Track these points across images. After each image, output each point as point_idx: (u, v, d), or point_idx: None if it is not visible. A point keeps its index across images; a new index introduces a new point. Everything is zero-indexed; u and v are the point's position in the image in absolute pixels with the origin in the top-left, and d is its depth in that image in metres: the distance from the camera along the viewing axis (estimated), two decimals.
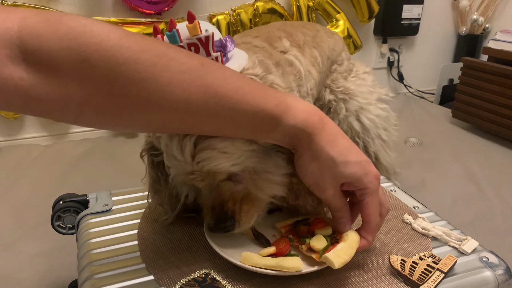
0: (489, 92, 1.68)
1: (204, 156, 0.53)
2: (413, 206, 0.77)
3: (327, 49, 1.05)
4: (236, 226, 0.58)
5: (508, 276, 0.60)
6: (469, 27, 2.32)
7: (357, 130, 1.10)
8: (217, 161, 0.54)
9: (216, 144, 0.53)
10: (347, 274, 0.58)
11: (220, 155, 0.53)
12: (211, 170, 0.54)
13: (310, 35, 1.03)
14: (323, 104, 1.10)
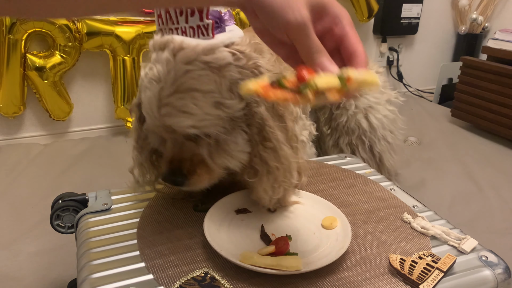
0: (489, 91, 1.68)
1: (165, 112, 0.58)
2: (412, 205, 0.77)
3: None
4: (185, 184, 0.63)
5: (507, 275, 0.60)
6: (469, 26, 2.32)
7: (364, 129, 1.11)
8: (175, 119, 0.57)
9: (175, 102, 0.57)
10: (346, 273, 0.58)
11: (179, 113, 0.57)
12: (171, 126, 0.58)
13: None
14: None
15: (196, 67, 0.57)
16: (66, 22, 1.48)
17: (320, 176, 0.87)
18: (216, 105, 0.58)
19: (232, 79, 0.59)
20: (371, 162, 1.16)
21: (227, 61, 0.59)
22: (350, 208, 0.74)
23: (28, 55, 1.48)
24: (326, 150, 1.37)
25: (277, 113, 0.65)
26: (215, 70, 0.58)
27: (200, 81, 0.57)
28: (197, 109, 0.57)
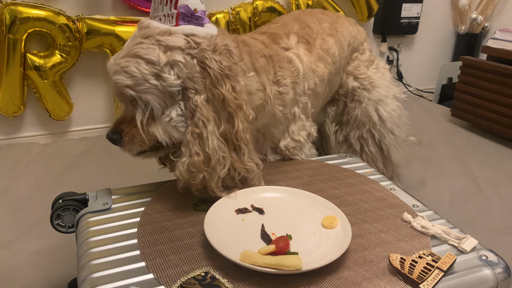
0: (488, 90, 1.68)
1: (113, 70, 0.68)
2: (412, 204, 0.77)
3: (347, 35, 1.09)
4: (119, 144, 0.72)
5: (507, 275, 0.60)
6: (468, 26, 2.32)
7: (374, 121, 1.13)
8: (118, 76, 0.68)
9: (122, 63, 0.68)
10: (346, 273, 0.58)
11: (122, 72, 0.67)
12: (116, 84, 0.68)
13: (328, 20, 1.07)
14: (346, 91, 1.14)
15: (148, 41, 0.68)
16: (66, 22, 1.48)
17: (320, 175, 0.87)
18: (156, 76, 0.67)
19: (175, 60, 0.68)
20: (378, 156, 1.17)
21: (177, 45, 0.68)
22: (350, 207, 0.74)
23: (28, 54, 1.48)
24: (334, 147, 1.38)
25: (223, 108, 0.71)
26: (163, 48, 0.68)
27: (147, 52, 0.67)
28: (137, 73, 0.67)
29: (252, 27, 1.77)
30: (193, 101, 0.69)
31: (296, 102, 0.93)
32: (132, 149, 0.74)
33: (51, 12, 1.46)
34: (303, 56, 0.95)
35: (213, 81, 0.70)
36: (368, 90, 1.13)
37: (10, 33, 1.43)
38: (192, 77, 0.69)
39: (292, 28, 1.00)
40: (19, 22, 1.42)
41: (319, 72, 0.98)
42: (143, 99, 0.68)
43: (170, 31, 0.69)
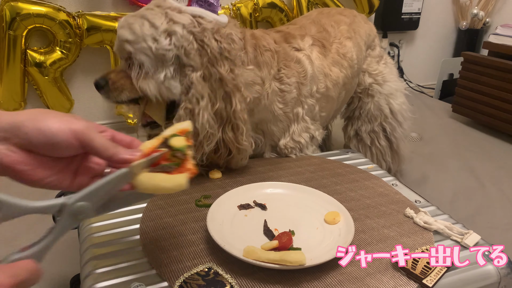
0: (490, 86, 1.68)
1: (120, 25, 0.75)
2: (414, 200, 0.77)
3: (364, 35, 1.11)
4: (103, 89, 0.77)
5: (510, 270, 0.60)
6: (470, 21, 2.31)
7: (385, 115, 1.15)
8: (122, 30, 0.74)
9: (129, 19, 0.74)
10: (350, 268, 0.58)
11: (126, 26, 0.74)
12: (118, 37, 0.75)
13: (347, 22, 1.08)
14: (364, 88, 1.15)
15: (158, 10, 0.74)
16: (67, 18, 1.47)
17: (323, 171, 0.87)
18: (153, 39, 0.73)
19: (174, 30, 0.73)
20: (387, 150, 1.18)
21: (181, 22, 0.73)
22: (353, 203, 0.74)
23: (28, 51, 1.48)
24: (334, 143, 1.39)
25: (220, 87, 0.75)
26: (168, 19, 0.74)
27: (153, 16, 0.73)
28: (139, 30, 0.73)
29: (253, 23, 1.76)
30: (189, 78, 0.74)
31: (301, 103, 0.93)
32: (118, 96, 0.77)
33: (51, 8, 1.45)
34: (315, 59, 0.95)
35: (211, 60, 0.74)
36: (380, 84, 1.14)
37: (10, 30, 1.42)
38: (188, 53, 0.73)
39: (310, 30, 1.00)
40: (19, 19, 1.42)
41: (333, 76, 0.98)
42: (138, 57, 0.74)
43: (180, 9, 0.75)
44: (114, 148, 0.48)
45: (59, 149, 0.47)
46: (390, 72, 1.17)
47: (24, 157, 0.46)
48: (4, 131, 0.45)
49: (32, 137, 0.45)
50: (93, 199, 0.45)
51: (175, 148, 0.49)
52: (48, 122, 0.45)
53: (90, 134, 0.47)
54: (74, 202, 0.44)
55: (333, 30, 1.03)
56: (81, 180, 0.51)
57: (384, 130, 1.17)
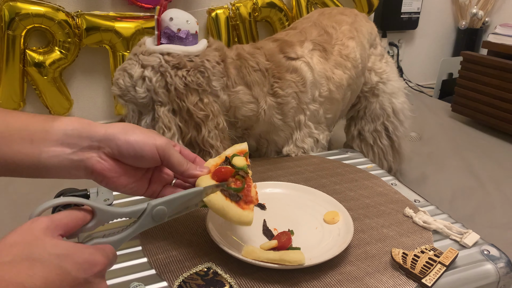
0: (489, 86, 1.68)
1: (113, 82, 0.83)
2: (414, 199, 0.77)
3: (366, 34, 1.11)
4: None
5: (509, 269, 0.60)
6: (469, 21, 2.31)
7: (388, 114, 1.15)
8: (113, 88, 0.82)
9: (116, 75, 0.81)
10: (349, 268, 0.58)
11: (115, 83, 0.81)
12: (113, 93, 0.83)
13: (348, 22, 1.08)
14: (371, 87, 1.15)
15: (134, 58, 0.80)
16: (66, 18, 1.47)
17: (322, 171, 0.87)
18: (133, 87, 0.79)
19: (144, 76, 0.78)
20: (389, 149, 1.19)
21: (150, 64, 0.78)
22: (352, 202, 0.74)
23: (27, 51, 1.48)
24: (333, 142, 1.39)
25: (190, 118, 0.80)
26: (141, 66, 0.79)
27: (130, 66, 0.79)
28: (122, 84, 0.80)
29: (252, 22, 1.76)
30: (157, 112, 0.80)
31: (302, 110, 0.94)
32: None
33: (50, 8, 1.45)
34: (315, 64, 0.95)
35: (177, 95, 0.79)
36: (384, 83, 1.15)
37: (9, 30, 1.42)
38: (156, 91, 0.79)
39: (310, 35, 1.00)
40: (18, 18, 1.42)
41: (335, 79, 0.98)
42: (128, 107, 0.82)
43: (149, 50, 0.80)
44: (186, 164, 0.57)
45: (143, 161, 0.54)
46: (391, 70, 1.18)
47: (112, 165, 0.53)
48: (98, 141, 0.52)
49: (122, 148, 0.52)
50: (170, 206, 0.52)
51: (237, 167, 0.59)
52: (136, 137, 0.53)
53: (170, 150, 0.55)
54: (156, 206, 0.51)
55: (334, 32, 1.03)
56: (154, 187, 0.59)
57: (387, 129, 1.17)
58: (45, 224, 0.40)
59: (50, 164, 0.50)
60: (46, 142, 0.50)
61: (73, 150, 0.51)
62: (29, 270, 0.35)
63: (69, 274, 0.37)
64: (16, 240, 0.38)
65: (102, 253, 0.42)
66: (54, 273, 0.36)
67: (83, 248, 0.40)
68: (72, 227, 0.43)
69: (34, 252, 0.37)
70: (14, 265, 0.35)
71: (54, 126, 0.51)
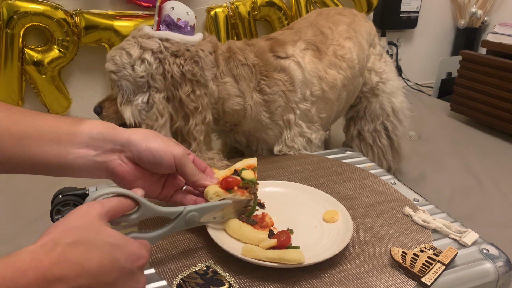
0: (488, 85, 1.68)
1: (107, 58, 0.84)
2: (413, 198, 0.77)
3: (365, 34, 1.11)
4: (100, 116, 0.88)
5: (508, 268, 0.60)
6: (468, 20, 2.31)
7: (388, 113, 1.16)
8: (107, 63, 0.83)
9: (112, 52, 0.83)
10: (348, 267, 0.58)
11: (110, 60, 0.83)
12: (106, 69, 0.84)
13: (346, 22, 1.08)
14: (371, 88, 1.15)
15: (133, 39, 0.82)
16: (64, 16, 1.47)
17: (321, 170, 0.87)
18: (131, 67, 0.81)
19: (144, 58, 0.81)
20: (388, 149, 1.19)
21: (149, 47, 0.81)
22: (351, 201, 0.74)
23: (26, 49, 1.48)
24: (333, 142, 1.39)
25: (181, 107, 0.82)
26: (140, 47, 0.81)
27: (129, 46, 0.82)
28: (119, 60, 0.81)
29: (251, 21, 1.76)
30: (152, 98, 0.82)
31: (291, 109, 0.94)
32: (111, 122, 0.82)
33: (49, 7, 1.45)
34: (307, 64, 0.95)
35: (173, 83, 0.81)
36: (384, 83, 1.15)
37: (8, 28, 1.42)
38: (154, 77, 0.81)
39: (305, 34, 1.00)
40: (16, 17, 1.41)
41: (329, 79, 0.98)
42: (121, 83, 0.82)
43: (149, 34, 0.82)
44: (198, 175, 0.61)
45: (160, 168, 0.57)
46: (390, 70, 1.18)
47: (132, 169, 0.57)
48: (121, 145, 0.55)
49: (143, 154, 0.56)
50: (202, 213, 0.57)
51: (246, 180, 0.63)
52: (157, 145, 0.56)
53: (186, 161, 0.58)
54: (190, 211, 0.56)
55: (330, 32, 1.03)
56: (166, 192, 0.62)
57: (386, 128, 1.17)
58: (98, 210, 0.45)
59: (76, 165, 0.54)
60: (73, 144, 0.53)
61: (97, 152, 0.54)
62: (87, 254, 0.40)
63: (118, 263, 0.42)
64: (76, 224, 0.42)
65: (146, 248, 0.47)
66: (107, 260, 0.41)
67: (132, 241, 0.45)
68: (118, 213, 0.48)
69: (91, 237, 0.42)
70: (76, 247, 0.40)
71: (80, 129, 0.54)
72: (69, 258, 0.39)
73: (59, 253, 0.39)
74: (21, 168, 0.53)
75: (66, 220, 0.43)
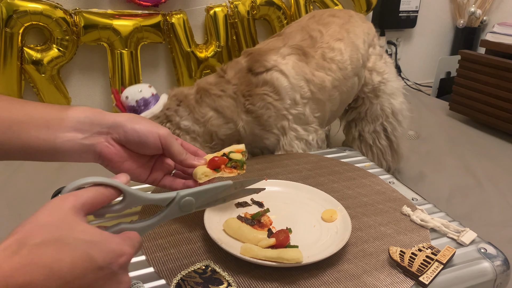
0: (487, 84, 1.68)
1: None
2: (411, 198, 0.77)
3: (361, 33, 1.11)
4: None
5: (506, 267, 0.60)
6: (467, 19, 2.31)
7: (387, 114, 1.16)
8: None
9: None
10: (346, 266, 0.58)
11: None
12: None
13: (338, 23, 1.08)
14: (372, 88, 1.15)
15: None
16: (63, 15, 1.47)
17: (320, 169, 0.87)
18: None
19: None
20: (387, 150, 1.19)
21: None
22: (350, 201, 0.75)
23: (25, 48, 1.48)
24: (332, 141, 1.39)
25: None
26: None
27: None
28: None
29: (251, 20, 1.76)
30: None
31: (283, 117, 0.96)
32: None
33: (48, 6, 1.45)
34: (291, 69, 0.96)
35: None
36: (384, 83, 1.15)
37: (7, 27, 1.42)
38: None
39: (293, 40, 1.01)
40: (16, 16, 1.41)
41: (316, 81, 0.99)
42: None
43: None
44: (185, 154, 0.61)
45: (147, 148, 0.58)
46: (390, 71, 1.18)
47: (119, 150, 0.58)
48: (108, 128, 0.56)
49: (128, 134, 0.57)
50: (198, 198, 0.53)
51: (234, 159, 0.64)
52: (142, 126, 0.57)
53: (171, 139, 0.59)
54: (184, 196, 0.52)
55: (319, 36, 1.04)
56: (155, 175, 0.63)
57: (385, 129, 1.17)
58: (72, 202, 0.40)
59: (64, 148, 0.55)
60: (61, 128, 0.54)
61: (84, 135, 0.55)
62: (57, 254, 0.35)
63: (95, 262, 0.37)
64: (46, 220, 0.38)
65: (129, 244, 0.42)
66: (81, 260, 0.36)
67: (111, 237, 0.40)
68: (97, 205, 0.43)
69: (63, 235, 0.37)
70: (44, 248, 0.35)
71: (68, 114, 0.55)
72: (35, 261, 0.34)
73: (23, 256, 0.34)
74: (12, 154, 0.53)
75: (35, 217, 0.38)
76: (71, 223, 0.38)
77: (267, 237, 0.60)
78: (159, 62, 1.77)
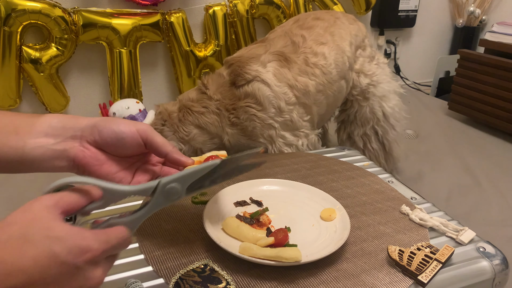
0: (486, 84, 1.68)
1: None
2: (410, 197, 0.77)
3: (347, 35, 1.10)
4: None
5: (504, 266, 0.60)
6: (466, 19, 2.31)
7: (378, 118, 1.15)
8: None
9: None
10: (345, 265, 0.58)
11: None
12: None
13: (323, 26, 1.07)
14: (360, 91, 1.14)
15: None
16: (62, 14, 1.47)
17: (319, 168, 0.87)
18: None
19: None
20: (380, 152, 1.18)
21: None
22: (349, 200, 0.75)
23: (23, 47, 1.47)
24: (331, 140, 1.39)
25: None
26: None
27: None
28: None
29: (250, 20, 1.76)
30: None
31: (270, 126, 0.96)
32: None
33: (46, 5, 1.44)
34: (272, 77, 0.96)
35: None
36: (374, 86, 1.14)
37: (5, 26, 1.41)
38: None
39: (275, 46, 1.01)
40: (14, 15, 1.41)
41: (299, 86, 0.99)
42: None
43: None
44: (171, 146, 0.56)
45: (125, 147, 0.54)
46: (382, 72, 1.16)
47: (95, 153, 0.54)
48: (81, 130, 0.53)
49: (104, 134, 0.53)
50: (183, 184, 0.50)
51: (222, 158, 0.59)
52: (119, 124, 0.53)
53: (153, 132, 0.55)
54: (167, 183, 0.49)
55: (302, 41, 1.03)
56: (139, 179, 0.58)
57: (376, 133, 1.16)
58: (45, 202, 0.40)
59: (34, 156, 0.51)
60: (31, 134, 0.51)
61: (56, 140, 0.52)
62: (20, 250, 0.36)
63: (57, 258, 0.37)
64: (15, 219, 0.39)
65: (100, 239, 0.41)
66: (44, 255, 0.37)
67: (78, 232, 0.39)
68: (75, 205, 0.43)
69: (28, 232, 0.37)
70: (8, 245, 0.36)
71: (40, 119, 0.52)
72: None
73: None
74: None
75: (9, 216, 0.39)
76: (41, 220, 0.39)
77: (266, 236, 0.60)
78: (158, 61, 1.76)
